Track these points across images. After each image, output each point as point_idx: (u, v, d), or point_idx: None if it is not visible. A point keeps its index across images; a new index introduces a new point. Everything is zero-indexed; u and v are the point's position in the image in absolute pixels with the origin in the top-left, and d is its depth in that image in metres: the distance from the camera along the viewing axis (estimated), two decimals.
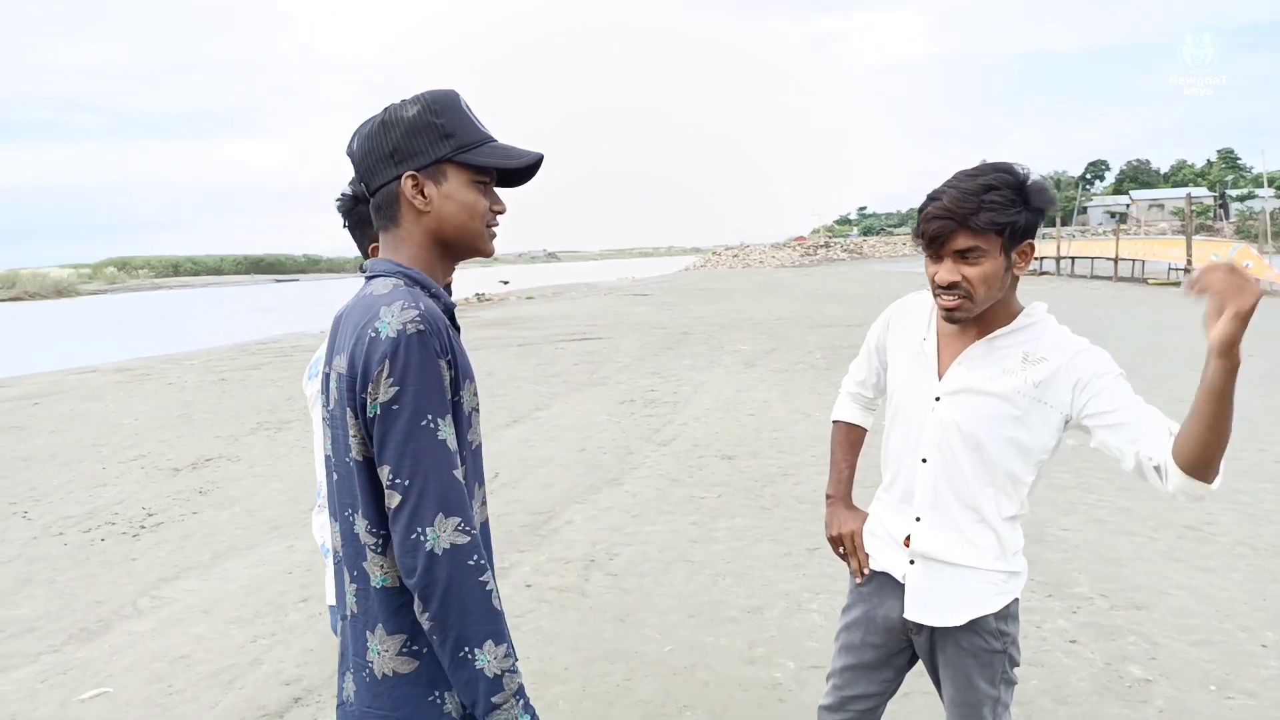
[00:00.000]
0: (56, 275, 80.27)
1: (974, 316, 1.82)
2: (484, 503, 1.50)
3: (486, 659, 1.30)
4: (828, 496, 2.26)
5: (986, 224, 1.68)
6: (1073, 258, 35.67)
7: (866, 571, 2.08)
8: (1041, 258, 37.62)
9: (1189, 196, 27.90)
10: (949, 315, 1.81)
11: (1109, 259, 30.99)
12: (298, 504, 6.39)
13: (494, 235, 1.52)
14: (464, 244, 1.48)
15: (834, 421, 2.31)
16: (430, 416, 1.30)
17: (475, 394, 1.45)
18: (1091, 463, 6.48)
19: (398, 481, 1.29)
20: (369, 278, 1.45)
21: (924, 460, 1.91)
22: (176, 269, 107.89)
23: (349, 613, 1.43)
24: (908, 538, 1.95)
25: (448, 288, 2.16)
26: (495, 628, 1.31)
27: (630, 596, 4.47)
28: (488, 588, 1.31)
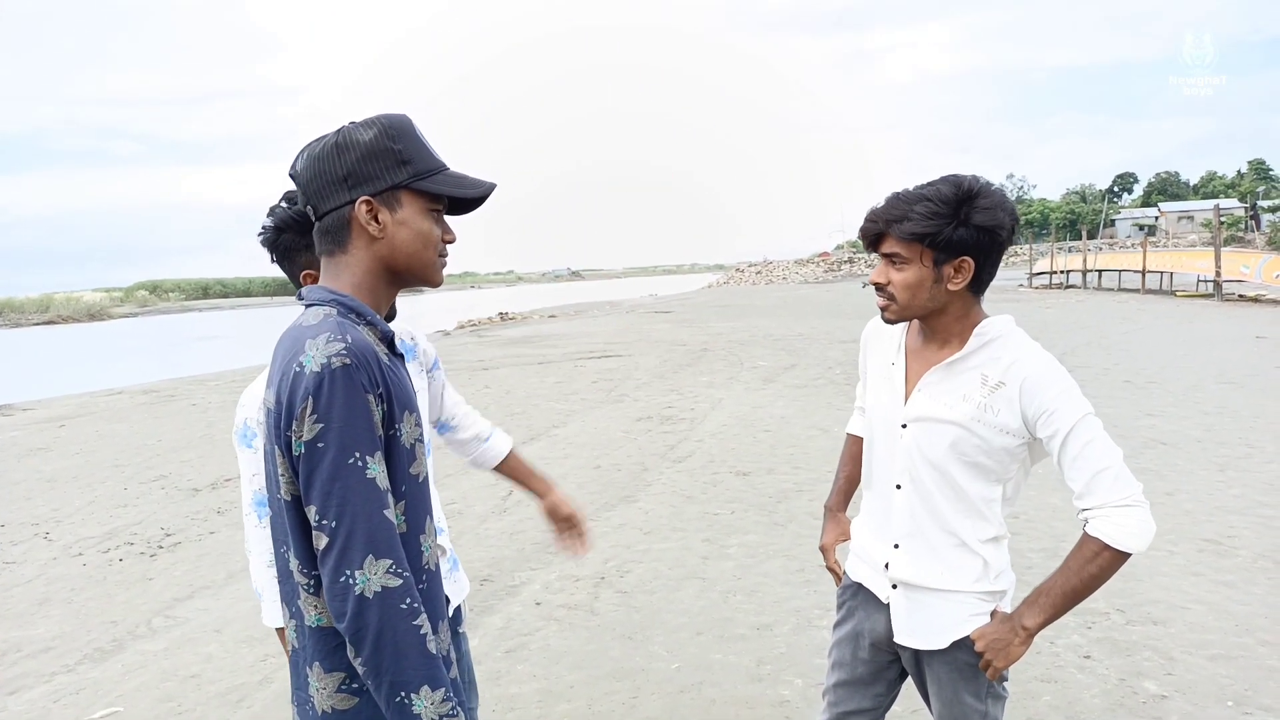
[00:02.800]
0: (89, 299, 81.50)
1: (934, 331, 1.87)
2: (438, 535, 1.47)
3: (423, 704, 1.26)
4: (825, 507, 2.32)
5: (905, 233, 1.73)
6: (1099, 271, 35.29)
7: (840, 584, 2.14)
8: (1068, 271, 37.25)
9: (1217, 208, 27.42)
10: (881, 315, 1.89)
11: (1136, 271, 30.65)
12: None
13: (444, 264, 1.48)
14: (414, 273, 1.44)
15: (847, 434, 2.35)
16: (358, 454, 1.25)
17: (418, 424, 1.40)
18: None
19: (324, 523, 1.25)
20: (306, 306, 1.41)
21: (898, 487, 1.91)
22: (206, 291, 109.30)
23: (291, 646, 1.42)
24: (887, 564, 1.95)
25: (391, 310, 2.13)
26: (431, 672, 1.27)
27: (639, 614, 4.45)
28: (421, 631, 1.27)
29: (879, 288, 1.83)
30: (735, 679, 3.72)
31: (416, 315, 38.60)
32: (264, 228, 2.03)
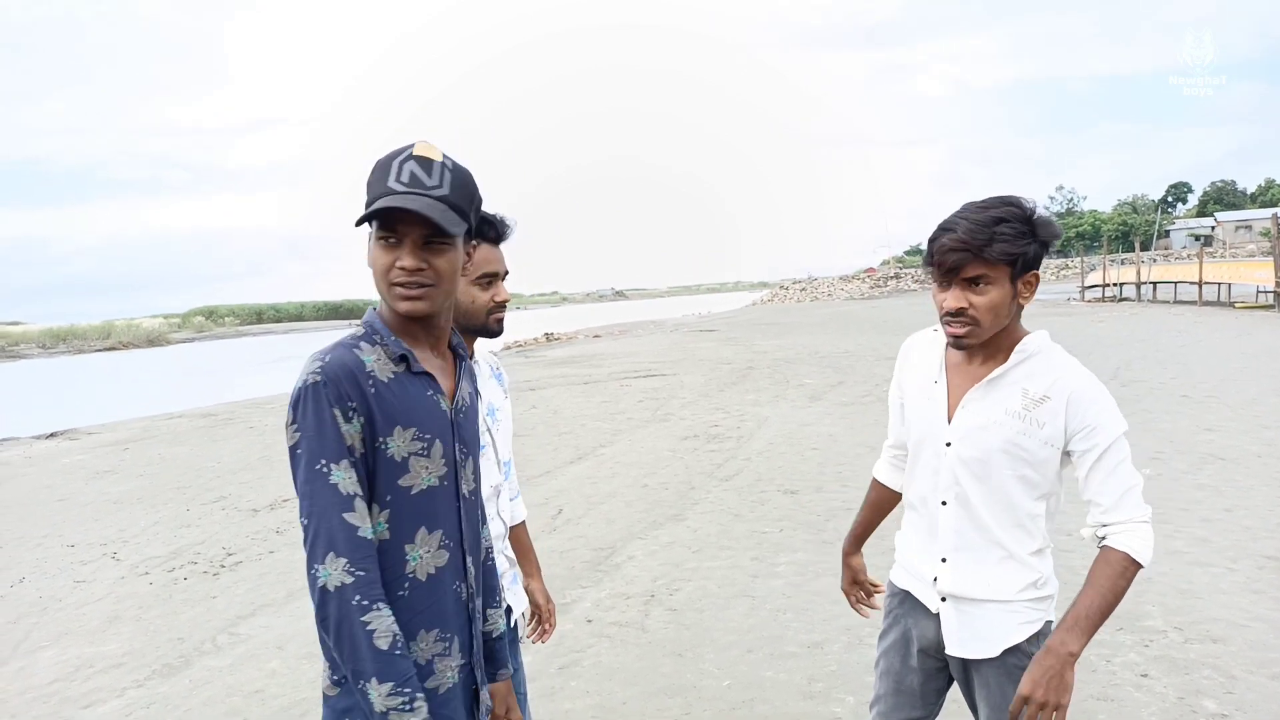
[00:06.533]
0: (148, 325, 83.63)
1: (980, 346, 1.89)
2: (440, 547, 1.53)
3: (374, 694, 1.37)
4: (843, 551, 2.45)
5: (999, 255, 1.74)
6: (1154, 283, 34.55)
7: (866, 614, 2.37)
8: (1121, 283, 36.55)
9: (1275, 216, 26.73)
10: (956, 341, 1.87)
11: (1192, 283, 29.96)
12: None
13: (404, 295, 1.48)
14: (384, 302, 1.53)
15: (872, 477, 2.40)
16: (324, 462, 1.39)
17: (417, 438, 1.48)
18: (1167, 494, 6.27)
19: (302, 520, 1.42)
20: None
21: (944, 503, 1.96)
22: (260, 316, 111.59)
23: None
24: (935, 577, 1.99)
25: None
26: (380, 667, 1.37)
27: (690, 631, 4.49)
28: (369, 628, 1.37)
29: (956, 314, 1.81)
30: (787, 696, 3.74)
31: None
32: None
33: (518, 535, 2.44)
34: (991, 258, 1.75)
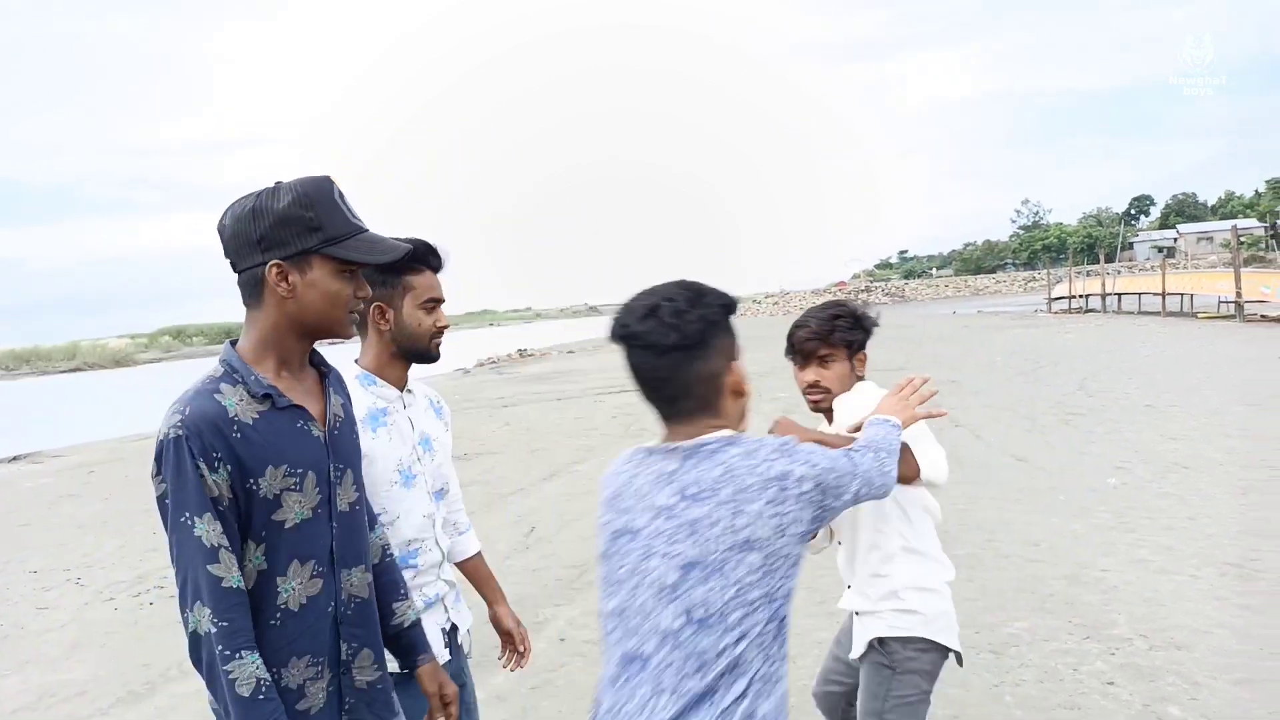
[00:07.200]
0: (115, 345, 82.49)
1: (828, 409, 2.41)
2: (314, 576, 1.56)
3: None
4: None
5: (839, 340, 2.38)
6: (1119, 294, 35.11)
7: None
8: (1086, 295, 37.12)
9: (1234, 228, 27.34)
10: (815, 406, 2.44)
11: (1156, 294, 30.46)
12: None
13: (355, 319, 1.64)
14: (324, 329, 1.59)
15: None
16: (187, 514, 1.43)
17: (289, 474, 1.52)
18: (1132, 503, 6.37)
19: (173, 565, 1.46)
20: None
21: (839, 543, 2.45)
22: (229, 334, 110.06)
23: None
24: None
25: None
26: (243, 712, 1.41)
27: None
28: (231, 677, 1.41)
29: (813, 385, 2.39)
30: None
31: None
32: None
33: (475, 566, 2.42)
34: (835, 342, 2.38)
